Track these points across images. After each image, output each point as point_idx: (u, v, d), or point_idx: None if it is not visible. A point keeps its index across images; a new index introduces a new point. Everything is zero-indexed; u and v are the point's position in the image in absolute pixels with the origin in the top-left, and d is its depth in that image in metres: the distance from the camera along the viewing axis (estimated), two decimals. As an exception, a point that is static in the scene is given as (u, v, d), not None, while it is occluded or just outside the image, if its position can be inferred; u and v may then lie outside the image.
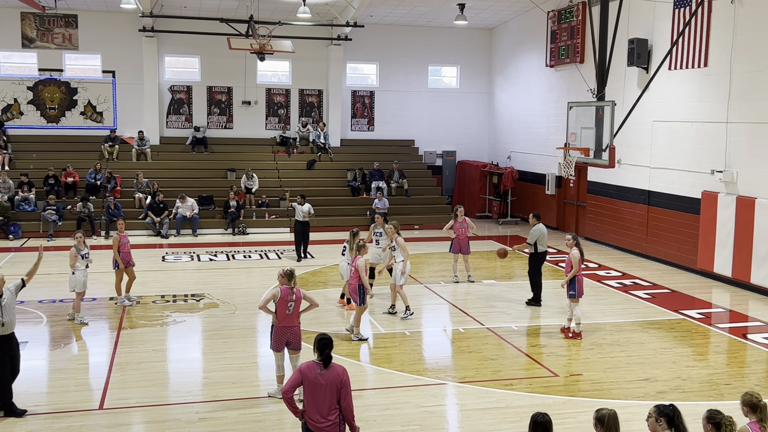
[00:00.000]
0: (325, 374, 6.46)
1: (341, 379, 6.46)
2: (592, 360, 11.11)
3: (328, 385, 6.42)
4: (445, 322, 13.42)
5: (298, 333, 9.48)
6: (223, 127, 26.78)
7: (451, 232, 16.27)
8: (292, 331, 9.40)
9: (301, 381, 6.52)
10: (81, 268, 12.85)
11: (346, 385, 6.48)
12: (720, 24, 16.42)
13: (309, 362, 6.60)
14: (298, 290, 9.44)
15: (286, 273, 9.46)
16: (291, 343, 9.44)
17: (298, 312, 9.43)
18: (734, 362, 11.34)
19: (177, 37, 25.34)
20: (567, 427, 8.48)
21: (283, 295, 9.31)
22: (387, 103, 28.13)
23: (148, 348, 11.44)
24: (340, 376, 6.47)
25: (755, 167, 15.57)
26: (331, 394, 6.42)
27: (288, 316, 9.33)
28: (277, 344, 9.38)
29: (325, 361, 6.52)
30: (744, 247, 15.69)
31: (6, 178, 22.25)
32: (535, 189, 24.99)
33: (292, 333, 9.41)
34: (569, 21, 22.49)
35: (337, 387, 6.43)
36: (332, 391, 6.43)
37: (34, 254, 18.58)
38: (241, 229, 22.56)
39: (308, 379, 6.47)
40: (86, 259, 12.99)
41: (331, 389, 6.42)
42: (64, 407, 9.05)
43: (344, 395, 6.46)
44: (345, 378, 6.50)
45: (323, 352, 6.55)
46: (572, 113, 15.07)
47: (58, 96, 25.20)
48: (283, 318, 9.32)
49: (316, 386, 6.43)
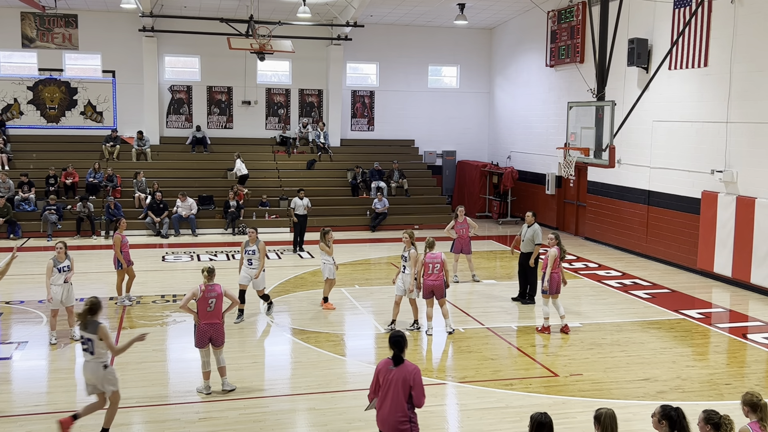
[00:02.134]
0: (396, 371, 6.61)
1: (413, 377, 6.60)
2: (592, 360, 11.11)
3: (400, 380, 6.57)
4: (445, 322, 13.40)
5: (221, 329, 9.52)
6: (223, 127, 26.79)
7: (453, 233, 16.28)
8: (214, 327, 9.45)
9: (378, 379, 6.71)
10: (58, 283, 11.46)
11: (417, 384, 6.61)
12: (720, 24, 16.42)
13: (384, 359, 6.80)
14: (218, 287, 9.53)
15: (206, 270, 9.61)
16: (214, 340, 9.50)
17: (220, 309, 9.51)
18: (734, 362, 11.34)
19: (177, 37, 25.35)
20: (567, 427, 8.48)
21: (204, 292, 9.41)
22: (387, 103, 28.13)
23: (148, 348, 11.42)
24: (411, 373, 6.62)
25: (755, 167, 15.57)
26: (404, 390, 6.57)
27: (209, 313, 9.42)
28: (201, 341, 9.48)
29: (395, 360, 6.67)
30: (744, 247, 15.69)
31: (6, 178, 22.25)
32: (535, 189, 24.99)
33: (214, 330, 9.46)
34: (569, 21, 22.49)
35: (409, 384, 6.57)
36: (404, 388, 6.57)
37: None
38: (241, 228, 22.56)
39: (383, 374, 6.67)
40: (65, 272, 11.51)
41: (404, 385, 6.57)
42: (64, 407, 9.04)
43: (416, 394, 6.61)
44: (417, 377, 6.63)
45: (394, 351, 6.71)
46: (572, 113, 15.07)
47: (58, 96, 25.20)
48: (204, 315, 9.40)
49: (388, 383, 6.62)
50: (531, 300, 14.34)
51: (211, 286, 9.50)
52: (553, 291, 12.43)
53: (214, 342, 9.49)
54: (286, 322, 13.03)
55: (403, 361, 6.68)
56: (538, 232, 14.23)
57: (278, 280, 16.15)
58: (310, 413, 9.12)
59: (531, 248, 14.24)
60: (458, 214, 16.37)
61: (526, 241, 14.33)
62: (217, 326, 9.48)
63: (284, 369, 10.84)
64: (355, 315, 13.74)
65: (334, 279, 13.86)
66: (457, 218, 16.31)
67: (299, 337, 12.06)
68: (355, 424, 8.68)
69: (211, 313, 9.42)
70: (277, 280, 16.11)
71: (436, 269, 12.04)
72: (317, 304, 14.06)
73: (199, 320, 9.39)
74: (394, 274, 17.10)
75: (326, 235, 13.67)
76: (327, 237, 13.65)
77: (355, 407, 9.13)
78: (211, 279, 9.56)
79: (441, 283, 12.08)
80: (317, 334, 12.21)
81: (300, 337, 12.02)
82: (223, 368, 9.60)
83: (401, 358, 6.69)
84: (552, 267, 12.37)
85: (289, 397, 9.58)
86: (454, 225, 16.26)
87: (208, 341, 9.46)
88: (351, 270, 17.38)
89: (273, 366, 10.91)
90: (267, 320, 13.05)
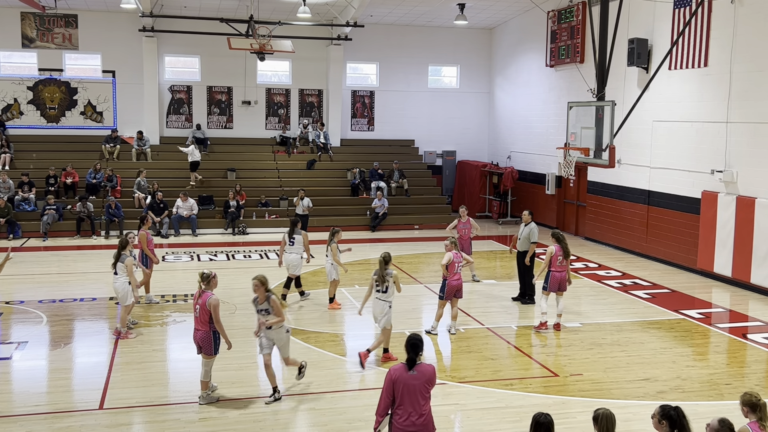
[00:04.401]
0: (418, 374, 6.55)
1: (432, 375, 6.61)
2: (592, 360, 11.11)
3: (423, 382, 6.54)
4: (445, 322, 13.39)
5: (206, 337, 9.09)
6: (223, 127, 26.79)
7: (454, 232, 16.28)
8: (197, 334, 9.16)
9: (393, 389, 6.52)
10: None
11: (433, 382, 6.63)
12: (720, 24, 16.42)
13: (396, 366, 6.65)
14: (205, 296, 9.07)
15: (200, 275, 9.22)
16: (202, 348, 9.20)
17: (205, 317, 9.04)
18: (734, 362, 11.34)
19: (177, 37, 25.35)
20: (567, 427, 8.48)
21: (195, 296, 9.25)
22: (387, 103, 28.13)
23: (148, 348, 11.44)
24: (432, 372, 6.62)
25: (755, 167, 15.57)
26: (425, 390, 6.57)
27: (195, 318, 9.18)
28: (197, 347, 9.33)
29: (408, 364, 6.58)
30: (744, 247, 15.69)
31: (6, 178, 22.25)
32: (535, 189, 24.99)
33: (198, 336, 9.16)
34: (569, 21, 22.49)
35: (430, 381, 6.58)
36: (426, 389, 6.56)
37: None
38: (241, 228, 22.57)
39: (400, 381, 6.50)
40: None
41: (426, 386, 6.56)
42: (64, 407, 9.05)
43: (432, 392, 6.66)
44: (433, 376, 6.66)
45: (410, 354, 6.63)
46: (572, 113, 15.07)
47: (58, 96, 25.20)
48: (194, 319, 9.23)
49: (409, 386, 6.50)
50: (531, 300, 14.34)
51: (201, 293, 9.13)
52: (553, 288, 12.45)
53: (202, 350, 9.22)
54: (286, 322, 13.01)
55: (415, 364, 6.61)
56: (534, 230, 14.25)
57: (278, 280, 16.14)
58: (310, 413, 9.12)
59: (527, 247, 14.27)
60: (462, 214, 16.38)
61: (522, 239, 14.38)
62: (200, 333, 9.11)
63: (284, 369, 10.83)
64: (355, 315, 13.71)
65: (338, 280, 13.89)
66: (461, 218, 16.32)
67: (299, 337, 12.06)
68: (355, 424, 8.68)
69: (196, 320, 9.17)
70: (277, 279, 16.10)
71: (461, 268, 12.20)
72: (318, 303, 14.07)
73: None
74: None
75: (335, 235, 13.73)
76: (336, 236, 13.72)
77: (355, 407, 9.14)
78: (205, 285, 9.14)
79: (461, 283, 12.26)
80: (317, 334, 12.22)
81: (300, 337, 12.01)
82: (203, 382, 9.24)
83: (415, 361, 6.62)
84: (551, 265, 12.41)
85: (289, 397, 9.57)
86: (457, 224, 16.26)
87: (198, 347, 9.26)
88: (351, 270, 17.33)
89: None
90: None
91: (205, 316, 9.07)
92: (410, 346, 6.64)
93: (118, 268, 11.81)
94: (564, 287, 12.62)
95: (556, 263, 12.46)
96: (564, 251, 12.54)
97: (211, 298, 9.07)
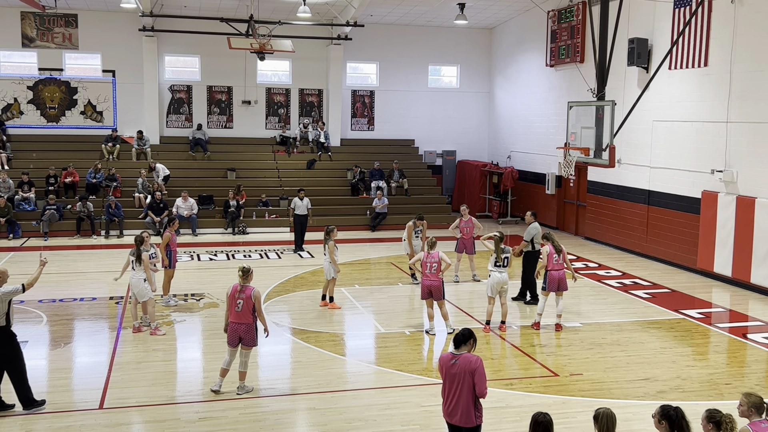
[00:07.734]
0: (461, 363, 6.72)
1: (474, 367, 6.69)
2: (592, 360, 11.11)
3: (465, 372, 6.67)
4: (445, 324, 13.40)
5: (250, 329, 9.39)
6: (223, 126, 26.78)
7: (457, 231, 16.28)
8: (241, 328, 9.38)
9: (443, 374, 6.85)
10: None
11: (480, 374, 6.70)
12: (720, 24, 16.42)
13: (444, 354, 6.94)
14: (249, 290, 9.37)
15: (241, 269, 9.54)
16: (244, 340, 9.44)
17: (249, 309, 9.34)
18: (734, 362, 11.34)
19: (177, 37, 25.34)
20: (567, 427, 8.48)
21: (233, 291, 9.39)
22: (387, 103, 28.13)
23: (148, 348, 11.44)
24: (475, 363, 6.71)
25: (755, 167, 15.57)
26: (466, 380, 6.67)
27: (237, 312, 9.35)
28: (230, 339, 9.49)
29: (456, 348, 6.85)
30: (744, 246, 15.69)
31: (6, 177, 22.25)
32: (535, 189, 24.99)
33: (242, 330, 9.38)
34: (569, 21, 22.48)
35: (471, 373, 6.66)
36: (467, 378, 6.66)
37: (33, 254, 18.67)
38: (241, 228, 22.57)
39: (444, 369, 6.83)
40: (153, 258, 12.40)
41: (466, 376, 6.67)
42: (64, 407, 9.05)
43: (478, 381, 6.67)
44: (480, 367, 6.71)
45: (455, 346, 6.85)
46: (572, 113, 15.07)
47: (58, 95, 25.20)
48: (232, 314, 9.38)
49: (452, 376, 6.74)
50: (534, 300, 14.34)
51: (243, 286, 9.38)
52: (553, 288, 12.46)
53: (243, 342, 9.44)
54: (287, 322, 13.03)
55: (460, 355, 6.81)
56: (529, 230, 14.29)
57: (278, 279, 16.15)
58: (310, 413, 9.12)
59: (527, 246, 14.31)
60: (463, 213, 16.37)
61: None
62: (243, 327, 9.35)
63: (284, 369, 10.84)
64: (355, 315, 13.74)
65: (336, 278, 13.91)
66: (462, 217, 16.31)
67: (299, 336, 12.06)
68: (354, 423, 8.68)
69: (239, 314, 9.35)
70: (277, 279, 16.12)
71: (434, 269, 12.03)
72: (318, 303, 14.05)
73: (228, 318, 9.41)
74: (394, 273, 17.14)
75: (330, 233, 13.68)
76: (331, 234, 13.67)
77: (355, 407, 9.14)
78: (245, 279, 9.44)
79: (439, 284, 12.06)
80: (317, 334, 12.22)
81: (300, 337, 12.02)
82: (242, 373, 9.55)
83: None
84: (547, 265, 12.44)
85: (289, 397, 9.57)
86: (459, 224, 16.26)
87: (237, 340, 9.43)
88: (351, 270, 17.37)
89: (273, 366, 10.89)
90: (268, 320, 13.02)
91: (249, 309, 9.33)
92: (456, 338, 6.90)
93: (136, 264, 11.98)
94: (564, 286, 12.61)
95: (552, 261, 12.48)
96: (555, 248, 12.57)
97: (255, 290, 9.41)
